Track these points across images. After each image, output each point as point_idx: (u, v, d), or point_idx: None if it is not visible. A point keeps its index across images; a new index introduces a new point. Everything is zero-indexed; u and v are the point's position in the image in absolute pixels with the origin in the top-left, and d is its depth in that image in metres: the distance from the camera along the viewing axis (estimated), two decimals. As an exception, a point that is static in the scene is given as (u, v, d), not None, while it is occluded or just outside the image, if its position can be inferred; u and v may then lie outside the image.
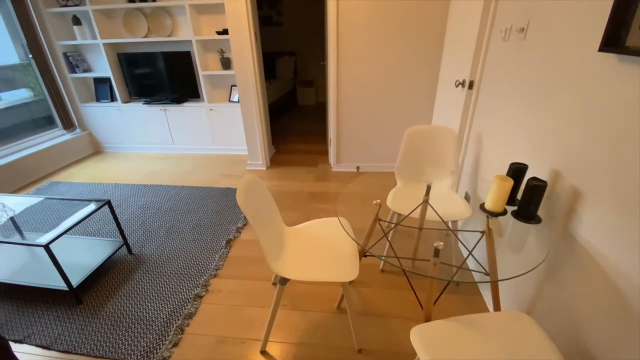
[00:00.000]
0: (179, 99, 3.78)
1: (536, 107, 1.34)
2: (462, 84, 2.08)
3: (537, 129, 1.33)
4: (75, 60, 3.74)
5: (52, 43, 3.57)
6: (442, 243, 1.05)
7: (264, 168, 3.50)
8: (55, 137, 3.79)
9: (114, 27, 3.60)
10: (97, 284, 1.93)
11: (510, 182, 1.19)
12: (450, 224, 1.65)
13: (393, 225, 1.66)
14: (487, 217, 1.27)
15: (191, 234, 2.37)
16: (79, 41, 3.55)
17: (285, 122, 5.25)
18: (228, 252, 2.17)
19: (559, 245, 1.18)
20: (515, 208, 1.27)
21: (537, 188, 1.16)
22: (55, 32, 3.56)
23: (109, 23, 3.58)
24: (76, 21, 3.49)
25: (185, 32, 3.50)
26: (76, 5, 3.42)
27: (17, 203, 2.11)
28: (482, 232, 1.33)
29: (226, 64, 3.49)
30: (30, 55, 3.49)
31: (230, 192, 2.97)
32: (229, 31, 2.89)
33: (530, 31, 1.41)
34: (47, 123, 3.89)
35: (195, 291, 1.84)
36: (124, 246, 2.16)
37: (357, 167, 3.31)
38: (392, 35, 2.70)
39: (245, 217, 2.55)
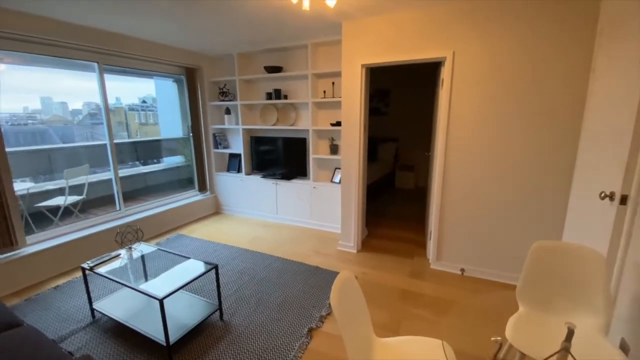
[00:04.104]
0: (289, 176, 4.24)
1: None
2: (610, 197, 1.72)
3: None
4: (220, 139, 4.71)
5: (208, 126, 4.63)
6: None
7: (355, 251, 3.42)
8: (191, 196, 4.63)
9: (252, 116, 4.49)
10: (187, 345, 2.04)
11: None
12: (603, 390, 1.21)
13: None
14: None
15: (277, 311, 2.37)
16: (226, 126, 4.54)
17: (381, 203, 5.22)
18: (308, 342, 2.05)
19: None
20: None
21: None
22: (211, 118, 4.63)
23: (250, 113, 4.49)
24: (227, 111, 4.51)
25: (305, 123, 4.08)
26: (230, 100, 4.46)
27: (146, 250, 2.53)
28: None
29: (334, 149, 3.84)
30: (191, 134, 4.56)
31: (319, 272, 2.95)
32: (342, 123, 3.22)
33: None
34: (187, 184, 4.84)
35: (270, 382, 1.74)
36: (218, 311, 2.29)
37: (462, 270, 2.90)
38: (510, 131, 2.54)
39: (329, 305, 2.44)
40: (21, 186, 3.56)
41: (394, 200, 5.50)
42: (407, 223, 4.28)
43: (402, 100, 6.27)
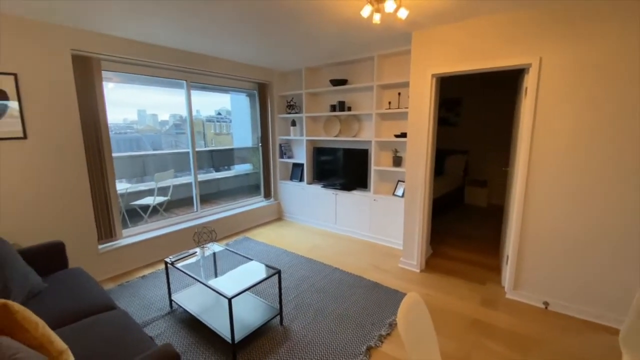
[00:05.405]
0: (349, 187, 4.23)
1: None
2: None
3: None
4: (285, 149, 4.94)
5: (275, 136, 4.89)
6: None
7: (417, 270, 3.23)
8: (257, 202, 4.91)
9: (316, 128, 4.62)
10: (249, 345, 2.12)
11: None
12: None
13: None
14: None
15: (335, 324, 2.34)
16: (291, 137, 4.75)
17: (448, 221, 4.87)
18: (367, 362, 1.98)
19: None
20: None
21: None
22: (278, 129, 4.89)
23: (314, 125, 4.63)
24: (293, 123, 4.72)
25: (368, 134, 4.05)
26: (296, 113, 4.66)
27: (216, 249, 2.72)
28: None
29: (397, 161, 3.72)
30: (260, 144, 4.86)
31: (379, 289, 2.84)
32: (408, 135, 3.11)
33: None
34: (254, 190, 5.15)
35: (327, 397, 1.71)
36: (278, 315, 2.35)
37: (545, 303, 2.53)
38: (616, 145, 2.16)
39: (390, 325, 2.32)
40: (121, 186, 4.17)
41: (463, 217, 5.09)
42: (478, 244, 3.91)
43: (474, 109, 5.85)
